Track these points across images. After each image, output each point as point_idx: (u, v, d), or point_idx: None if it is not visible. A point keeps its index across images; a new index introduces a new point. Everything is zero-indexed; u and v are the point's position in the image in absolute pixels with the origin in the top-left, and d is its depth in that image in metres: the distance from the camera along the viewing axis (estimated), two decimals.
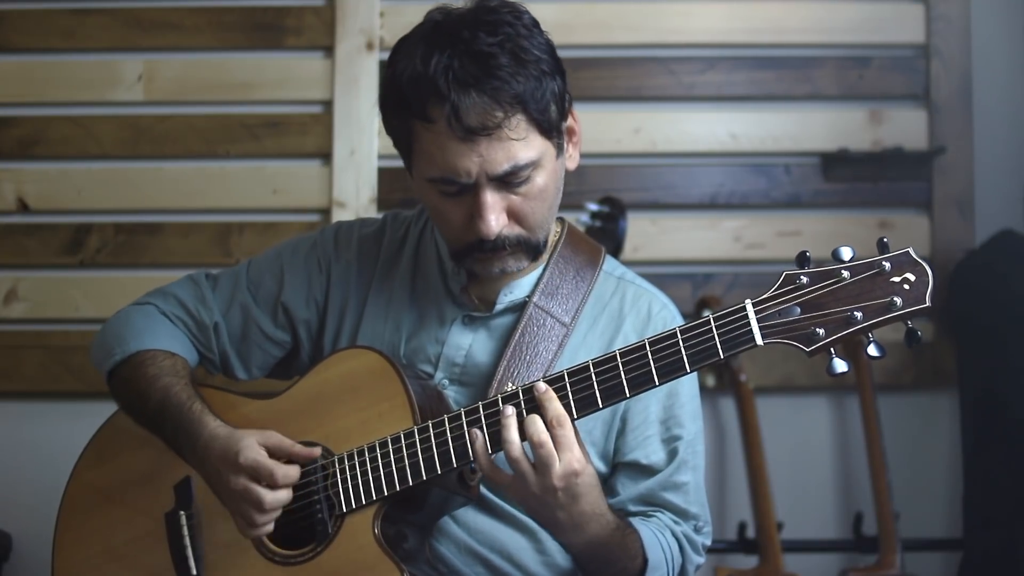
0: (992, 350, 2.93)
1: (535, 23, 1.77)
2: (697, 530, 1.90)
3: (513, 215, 1.77)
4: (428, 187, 1.77)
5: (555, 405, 1.64)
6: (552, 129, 1.76)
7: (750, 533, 2.98)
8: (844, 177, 3.18)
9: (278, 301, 1.98)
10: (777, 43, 3.24)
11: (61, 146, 3.21)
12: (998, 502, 2.87)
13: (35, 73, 3.24)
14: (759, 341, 1.58)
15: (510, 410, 1.67)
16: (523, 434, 1.65)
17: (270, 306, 1.98)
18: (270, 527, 1.76)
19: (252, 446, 1.75)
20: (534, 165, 1.74)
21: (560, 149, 1.80)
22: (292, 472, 1.76)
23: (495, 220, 1.74)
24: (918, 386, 3.15)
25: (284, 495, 1.75)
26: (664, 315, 1.93)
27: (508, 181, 1.73)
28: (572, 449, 1.64)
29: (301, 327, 1.99)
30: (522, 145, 1.71)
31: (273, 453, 1.76)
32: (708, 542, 1.93)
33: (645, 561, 1.78)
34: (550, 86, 1.73)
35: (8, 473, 3.15)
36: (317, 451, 1.78)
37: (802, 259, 1.59)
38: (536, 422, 1.64)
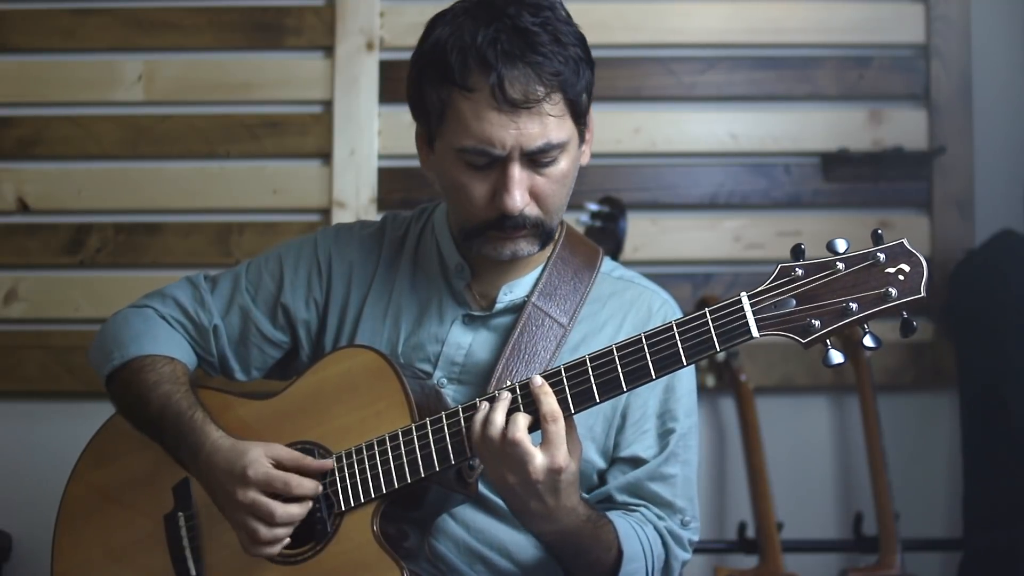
0: (992, 350, 2.93)
1: (570, 16, 1.81)
2: (683, 524, 1.90)
3: (535, 195, 1.78)
4: (454, 158, 1.78)
5: (550, 400, 1.64)
6: (581, 116, 1.79)
7: (750, 533, 2.98)
8: (844, 177, 3.18)
9: (277, 302, 1.98)
10: (777, 43, 3.24)
11: (61, 146, 3.22)
12: (998, 502, 2.87)
13: (35, 73, 3.24)
14: (755, 333, 1.58)
15: (505, 394, 1.67)
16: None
17: (269, 307, 1.98)
18: (278, 547, 1.75)
19: (260, 459, 1.74)
20: (563, 147, 1.76)
21: (582, 139, 1.83)
22: (307, 484, 1.74)
23: (520, 196, 1.75)
24: (918, 386, 3.15)
25: (296, 509, 1.74)
26: (665, 311, 1.93)
27: (537, 160, 1.75)
28: (560, 447, 1.63)
29: (300, 328, 1.99)
30: (557, 124, 1.74)
31: (280, 466, 1.76)
32: (695, 538, 1.92)
33: (620, 553, 1.78)
34: (585, 73, 1.77)
35: (8, 473, 3.15)
36: (330, 463, 1.77)
37: (797, 251, 1.60)
38: (516, 421, 1.64)
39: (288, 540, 1.75)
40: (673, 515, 1.89)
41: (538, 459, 1.63)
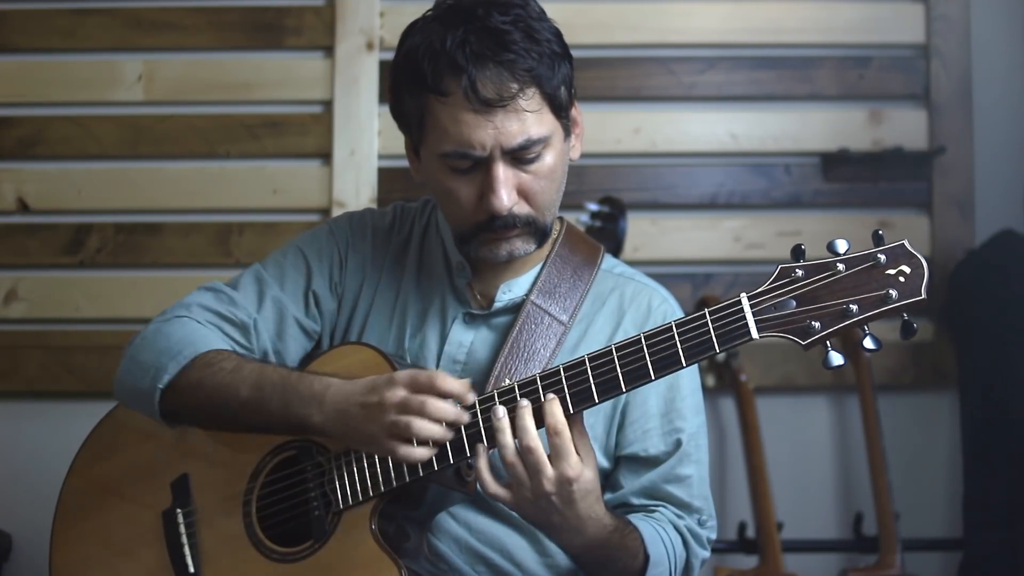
0: (992, 350, 2.93)
1: (543, 12, 1.80)
2: (701, 524, 1.90)
3: (523, 193, 1.78)
4: (439, 165, 1.78)
5: (554, 410, 1.63)
6: (562, 109, 1.79)
7: (750, 533, 2.98)
8: (844, 177, 3.18)
9: (309, 290, 1.95)
10: (777, 43, 3.24)
11: (61, 146, 3.22)
12: (998, 502, 2.87)
13: (35, 73, 3.24)
14: (754, 335, 1.58)
15: (501, 411, 1.65)
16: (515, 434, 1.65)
17: (301, 297, 1.95)
18: (428, 452, 1.66)
19: (401, 373, 1.69)
20: (545, 142, 1.76)
21: (567, 132, 1.82)
22: (449, 409, 1.66)
23: (507, 195, 1.75)
24: (918, 386, 3.15)
25: (439, 429, 1.66)
26: (664, 309, 1.93)
27: (520, 157, 1.75)
28: (568, 457, 1.62)
29: (327, 316, 1.97)
30: (535, 119, 1.74)
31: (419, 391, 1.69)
32: (713, 536, 1.92)
33: (647, 558, 1.77)
34: (561, 67, 1.77)
35: (8, 473, 3.15)
36: (471, 397, 1.68)
37: (797, 252, 1.59)
38: (527, 429, 1.63)
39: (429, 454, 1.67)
40: (691, 515, 1.88)
41: (548, 470, 1.62)
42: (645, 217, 3.16)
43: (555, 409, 1.63)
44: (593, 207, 2.91)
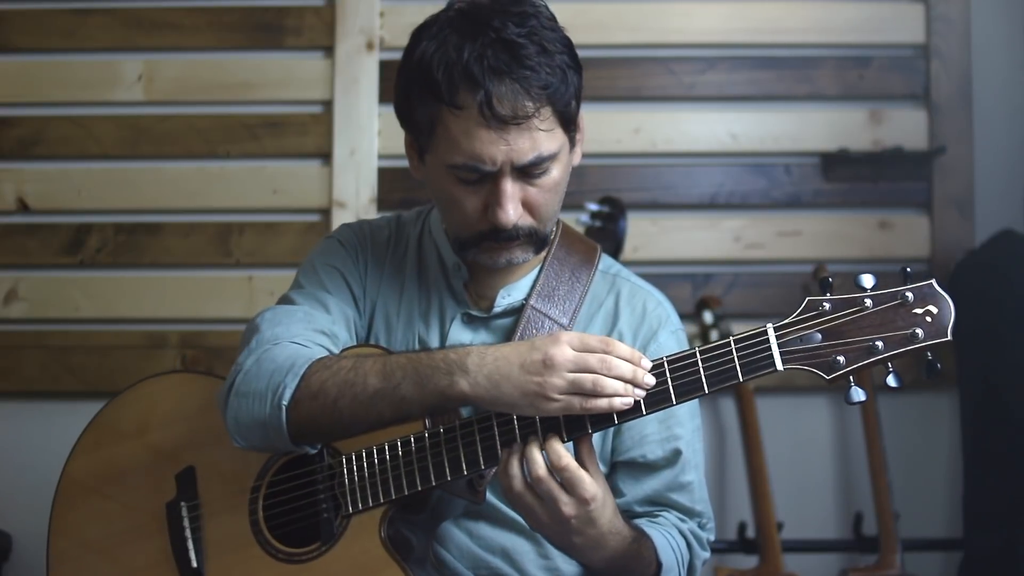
0: (992, 350, 2.93)
1: (554, 18, 1.79)
2: (702, 527, 1.90)
3: (528, 206, 1.77)
4: (446, 174, 1.77)
5: (554, 445, 1.62)
6: (570, 123, 1.78)
7: (750, 533, 2.99)
8: (844, 177, 3.18)
9: (352, 295, 1.94)
10: (777, 43, 3.24)
11: (61, 146, 3.22)
12: (998, 502, 2.87)
13: (35, 73, 3.24)
14: (779, 366, 1.57)
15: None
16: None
17: (351, 301, 1.94)
18: (619, 402, 1.60)
19: (567, 332, 1.66)
20: (554, 158, 1.75)
21: (573, 143, 1.82)
22: (624, 366, 1.61)
23: (513, 210, 1.74)
24: (918, 386, 3.15)
25: (629, 366, 1.60)
26: (659, 313, 1.93)
27: (529, 172, 1.74)
28: (580, 483, 1.61)
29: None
30: (547, 137, 1.73)
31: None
32: (712, 537, 1.93)
33: (659, 566, 1.77)
34: (573, 80, 1.76)
35: (8, 473, 3.15)
36: (646, 363, 1.63)
37: (824, 284, 1.58)
38: (535, 459, 1.62)
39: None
40: (693, 518, 1.89)
41: (563, 496, 1.61)
42: (645, 217, 3.16)
43: (555, 445, 1.62)
44: (593, 207, 2.91)
